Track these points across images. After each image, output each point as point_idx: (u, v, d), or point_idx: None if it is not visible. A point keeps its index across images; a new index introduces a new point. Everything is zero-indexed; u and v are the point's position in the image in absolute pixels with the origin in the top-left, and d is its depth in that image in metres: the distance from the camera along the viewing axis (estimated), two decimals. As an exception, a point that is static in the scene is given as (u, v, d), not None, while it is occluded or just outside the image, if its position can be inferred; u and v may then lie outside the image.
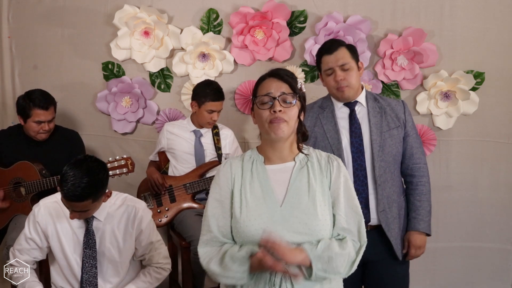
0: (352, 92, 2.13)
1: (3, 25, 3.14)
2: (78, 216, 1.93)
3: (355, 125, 2.14)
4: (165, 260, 2.17)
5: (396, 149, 2.15)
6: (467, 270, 3.12)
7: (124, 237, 2.05)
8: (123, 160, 2.44)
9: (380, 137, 2.12)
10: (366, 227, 2.01)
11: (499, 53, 2.94)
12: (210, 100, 2.71)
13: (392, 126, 2.15)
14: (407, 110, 2.21)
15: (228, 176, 1.56)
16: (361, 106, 2.18)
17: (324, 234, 1.48)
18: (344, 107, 2.18)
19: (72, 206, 1.89)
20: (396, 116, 2.17)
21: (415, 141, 2.20)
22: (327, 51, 2.14)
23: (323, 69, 2.16)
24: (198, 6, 2.99)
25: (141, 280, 2.11)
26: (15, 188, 2.71)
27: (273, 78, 1.55)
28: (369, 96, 2.21)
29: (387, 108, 2.18)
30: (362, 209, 2.00)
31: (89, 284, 2.02)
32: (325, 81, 2.18)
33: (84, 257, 2.01)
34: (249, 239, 1.47)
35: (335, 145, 2.12)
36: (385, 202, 2.10)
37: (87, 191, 1.84)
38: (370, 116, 2.15)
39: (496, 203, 3.06)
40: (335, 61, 2.11)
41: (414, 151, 2.18)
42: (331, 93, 2.19)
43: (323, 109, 2.21)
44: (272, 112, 1.49)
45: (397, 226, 2.14)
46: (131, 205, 2.08)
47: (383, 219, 2.09)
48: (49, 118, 2.72)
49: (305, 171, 1.55)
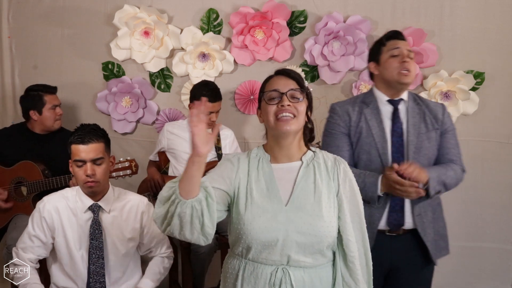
0: (410, 81, 2.04)
1: (3, 25, 3.14)
2: (94, 171, 1.98)
3: (397, 124, 2.05)
4: (169, 249, 2.24)
5: (432, 152, 2.07)
6: (467, 270, 3.12)
7: (129, 230, 2.09)
8: (127, 162, 2.44)
9: (417, 139, 2.04)
10: (399, 230, 2.03)
11: (499, 53, 2.94)
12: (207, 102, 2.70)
13: (430, 128, 2.07)
14: (446, 112, 2.13)
15: (234, 171, 1.54)
16: (404, 104, 2.09)
17: (329, 234, 1.47)
18: (388, 105, 2.08)
19: (87, 152, 1.97)
20: (435, 117, 2.09)
21: (450, 141, 2.11)
22: (396, 37, 2.08)
23: (389, 49, 2.05)
24: (198, 6, 2.99)
25: (153, 273, 2.15)
26: (16, 188, 2.71)
27: (281, 76, 1.55)
28: (410, 96, 2.12)
29: (426, 110, 2.09)
30: (397, 211, 2.00)
31: (96, 275, 2.04)
32: (385, 64, 2.05)
33: (91, 248, 2.03)
34: (252, 236, 1.46)
35: (381, 142, 2.03)
36: (420, 206, 2.03)
37: (97, 132, 2.02)
38: (409, 116, 2.06)
39: (496, 203, 3.06)
40: (404, 45, 2.04)
41: (449, 150, 2.09)
42: (390, 76, 2.04)
43: (367, 105, 2.10)
44: (280, 107, 1.48)
45: (432, 230, 2.07)
46: (135, 199, 2.14)
47: (419, 224, 2.02)
48: (59, 102, 2.86)
49: (311, 172, 1.53)
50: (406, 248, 2.05)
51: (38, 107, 2.75)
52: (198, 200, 1.36)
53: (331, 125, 2.13)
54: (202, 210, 1.37)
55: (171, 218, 1.37)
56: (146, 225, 2.13)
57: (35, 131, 2.82)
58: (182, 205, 1.35)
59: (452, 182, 2.07)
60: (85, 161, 1.98)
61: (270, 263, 1.48)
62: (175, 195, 1.36)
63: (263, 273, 1.48)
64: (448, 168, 2.06)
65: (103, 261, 2.04)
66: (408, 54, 2.03)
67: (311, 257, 1.48)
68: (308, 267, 1.48)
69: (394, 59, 2.03)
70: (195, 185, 1.35)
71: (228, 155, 1.60)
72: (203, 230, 1.39)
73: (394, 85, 2.05)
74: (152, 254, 2.21)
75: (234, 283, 1.52)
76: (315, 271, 1.49)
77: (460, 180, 2.13)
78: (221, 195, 1.49)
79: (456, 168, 2.09)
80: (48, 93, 2.79)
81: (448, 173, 2.05)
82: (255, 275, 1.48)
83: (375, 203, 1.99)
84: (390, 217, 2.02)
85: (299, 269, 1.48)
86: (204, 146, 1.32)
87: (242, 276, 1.50)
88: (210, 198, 1.39)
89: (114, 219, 2.08)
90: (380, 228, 2.03)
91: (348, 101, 2.18)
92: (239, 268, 1.52)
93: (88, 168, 1.97)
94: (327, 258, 1.52)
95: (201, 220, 1.38)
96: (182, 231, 1.39)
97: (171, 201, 1.36)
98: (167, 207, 1.38)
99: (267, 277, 1.47)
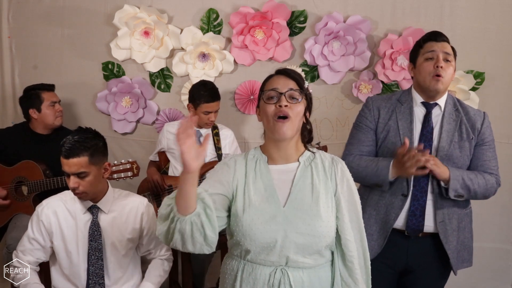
0: (443, 87, 1.98)
1: (3, 25, 3.14)
2: (78, 184, 1.95)
3: (428, 129, 2.00)
4: (169, 251, 2.23)
5: (462, 162, 1.99)
6: (467, 270, 3.10)
7: (128, 231, 2.09)
8: (128, 163, 2.44)
9: (448, 146, 1.98)
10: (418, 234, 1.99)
11: (499, 53, 2.93)
12: (205, 102, 2.70)
13: (464, 138, 1.99)
14: (486, 122, 2.05)
15: (231, 173, 1.54)
16: (438, 109, 2.03)
17: (328, 234, 1.48)
18: (422, 107, 2.03)
19: (69, 166, 1.93)
20: (472, 126, 2.01)
21: (487, 153, 2.03)
22: (434, 39, 2.01)
23: (424, 52, 2.00)
24: (198, 6, 2.99)
25: (154, 275, 2.15)
26: (17, 187, 2.72)
27: (281, 75, 1.55)
28: (449, 100, 2.04)
29: (465, 117, 2.02)
30: (417, 216, 1.97)
31: (95, 276, 2.04)
32: (420, 67, 2.00)
33: (90, 250, 2.03)
34: (251, 238, 1.46)
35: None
36: (444, 212, 1.98)
37: (81, 144, 1.94)
38: (444, 121, 2.00)
39: (496, 203, 3.05)
40: (441, 47, 1.98)
41: (485, 163, 2.02)
42: (422, 80, 1.99)
43: (401, 104, 2.05)
44: (278, 107, 1.48)
45: (456, 239, 2.01)
46: (135, 201, 2.14)
47: (442, 231, 1.98)
48: (58, 98, 2.86)
49: (308, 172, 1.54)
50: (424, 251, 2.02)
51: (37, 105, 2.76)
52: (197, 214, 1.37)
53: (360, 118, 2.12)
54: (202, 223, 1.38)
55: (172, 234, 1.39)
56: (145, 226, 2.13)
57: (37, 131, 2.82)
58: (182, 222, 1.36)
59: (480, 190, 2.00)
60: (69, 174, 1.96)
61: (268, 264, 1.48)
62: (173, 213, 1.37)
63: (262, 274, 1.48)
64: (479, 176, 2.00)
65: (103, 262, 2.04)
66: (445, 57, 1.96)
67: (310, 257, 1.48)
68: (307, 268, 1.48)
69: (429, 63, 1.98)
70: (192, 200, 1.36)
71: (224, 159, 1.59)
72: (206, 241, 1.41)
73: (426, 90, 2.00)
74: (151, 256, 2.21)
75: (233, 284, 1.52)
76: (314, 271, 1.49)
77: (492, 193, 2.06)
78: (221, 200, 1.50)
79: (489, 178, 2.02)
80: (46, 90, 2.81)
81: (477, 180, 1.98)
82: (254, 276, 1.49)
83: (387, 187, 1.96)
84: (409, 221, 1.98)
85: (298, 269, 1.48)
86: (194, 162, 1.32)
87: (241, 277, 1.50)
88: (209, 209, 1.39)
89: (114, 220, 2.07)
90: (398, 227, 2.00)
91: (384, 96, 2.15)
92: (237, 269, 1.52)
93: (71, 181, 1.96)
94: (326, 258, 1.52)
95: (202, 232, 1.39)
96: (185, 245, 1.41)
97: (170, 219, 1.38)
98: (167, 224, 1.39)
99: (265, 278, 1.47)
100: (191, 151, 1.30)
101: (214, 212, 1.41)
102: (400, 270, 2.06)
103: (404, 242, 2.01)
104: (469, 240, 2.11)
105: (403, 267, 2.05)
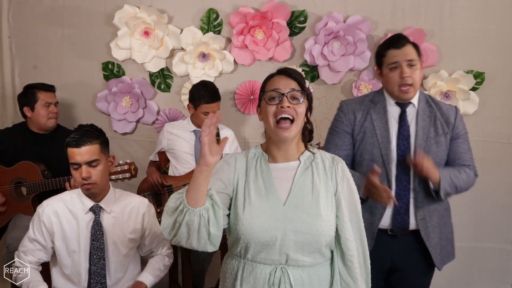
0: (413, 94, 2.00)
1: (3, 25, 3.14)
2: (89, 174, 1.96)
3: (404, 127, 2.02)
4: (169, 249, 2.26)
5: (440, 157, 2.02)
6: (467, 270, 3.12)
7: (130, 231, 2.10)
8: (126, 165, 2.44)
9: (425, 142, 2.00)
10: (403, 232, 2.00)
11: (499, 53, 2.93)
12: (205, 102, 2.70)
13: (440, 133, 2.02)
14: (459, 116, 2.08)
15: (232, 171, 1.54)
16: (412, 107, 2.05)
17: (327, 233, 1.48)
18: (396, 106, 2.05)
19: (81, 154, 1.94)
20: (447, 121, 2.04)
21: (462, 146, 2.07)
22: (394, 45, 1.99)
23: (388, 63, 2.00)
24: (198, 6, 2.99)
25: (153, 268, 2.16)
26: (16, 188, 2.72)
27: (282, 75, 1.54)
28: (421, 97, 2.07)
29: (438, 113, 2.05)
30: (402, 214, 1.98)
31: (97, 275, 2.04)
32: (386, 77, 2.02)
33: (92, 249, 2.04)
34: (251, 236, 1.46)
35: (384, 143, 2.01)
36: (425, 210, 2.00)
37: (92, 133, 1.98)
38: (419, 119, 2.02)
39: (496, 203, 3.06)
40: (403, 55, 1.96)
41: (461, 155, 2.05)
42: (391, 90, 2.02)
43: (375, 104, 2.06)
44: (280, 108, 1.48)
45: (437, 235, 2.04)
46: (136, 201, 2.15)
47: (423, 228, 2.00)
48: (54, 100, 2.83)
49: (309, 171, 1.54)
50: (407, 248, 2.04)
51: (31, 104, 2.75)
52: (206, 208, 1.39)
53: (335, 123, 2.12)
54: (209, 218, 1.39)
55: (178, 227, 1.40)
56: (147, 226, 2.14)
57: (34, 130, 2.81)
58: (191, 214, 1.37)
59: (464, 186, 2.04)
60: (80, 164, 1.97)
61: (268, 263, 1.48)
62: (183, 205, 1.38)
63: (262, 273, 1.48)
64: (461, 171, 2.03)
65: (104, 262, 2.05)
66: (409, 64, 1.97)
67: (310, 256, 1.48)
68: (307, 266, 1.49)
69: (395, 73, 1.99)
70: (203, 194, 1.38)
71: (225, 157, 1.60)
72: (210, 238, 1.42)
73: (396, 98, 2.03)
74: (153, 255, 2.23)
75: (233, 283, 1.52)
76: (314, 270, 1.50)
77: (472, 185, 2.09)
78: (224, 198, 1.50)
79: (469, 172, 2.05)
80: (43, 90, 2.79)
81: (461, 176, 2.02)
82: (254, 275, 1.49)
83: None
84: (395, 220, 2.00)
85: (298, 268, 1.48)
86: (213, 156, 1.35)
87: (241, 276, 1.51)
88: (216, 206, 1.41)
89: (115, 220, 2.08)
90: (382, 227, 2.02)
91: (357, 99, 2.16)
92: (238, 268, 1.52)
93: (83, 171, 1.97)
94: (326, 257, 1.52)
95: (207, 228, 1.40)
96: (189, 240, 1.41)
97: (179, 210, 1.39)
98: (174, 217, 1.40)
99: (266, 276, 1.47)
100: (212, 144, 1.35)
101: (221, 209, 1.43)
102: (386, 269, 2.08)
103: (389, 241, 2.03)
104: (451, 233, 2.15)
105: (389, 266, 2.06)
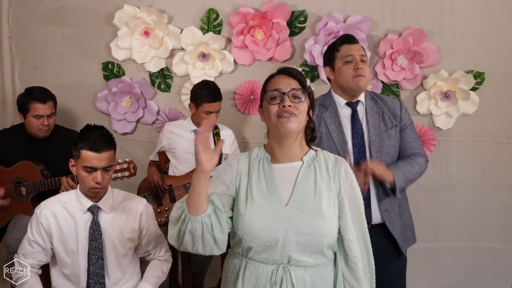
0: (365, 85, 2.10)
1: (3, 25, 3.14)
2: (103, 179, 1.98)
3: (357, 126, 2.12)
4: (168, 253, 2.25)
5: (394, 149, 2.14)
6: (467, 270, 3.12)
7: (128, 231, 2.10)
8: (125, 163, 2.44)
9: (378, 138, 2.10)
10: (368, 226, 2.04)
11: (499, 53, 2.94)
12: (207, 102, 2.70)
13: (389, 126, 2.13)
14: (403, 107, 2.20)
15: (234, 173, 1.55)
16: (361, 105, 2.16)
17: (329, 234, 1.47)
18: (347, 107, 2.15)
19: (100, 160, 1.96)
20: (393, 114, 2.16)
21: (411, 135, 2.18)
22: (348, 41, 2.13)
23: (342, 56, 2.11)
24: (198, 6, 2.99)
25: (152, 276, 2.15)
26: (15, 188, 2.72)
27: (283, 75, 1.55)
28: (367, 95, 2.18)
29: (384, 107, 2.16)
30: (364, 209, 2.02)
31: (96, 276, 2.04)
32: (339, 71, 2.12)
33: (90, 249, 2.03)
34: (253, 236, 1.46)
35: (341, 145, 2.09)
36: (387, 201, 2.11)
37: (108, 138, 2.02)
38: (368, 116, 2.13)
39: (496, 203, 3.06)
40: (357, 50, 2.11)
41: (412, 144, 2.16)
42: (345, 82, 2.11)
43: (326, 108, 2.16)
44: (281, 107, 1.48)
45: (400, 223, 2.15)
46: (134, 201, 2.15)
47: (387, 219, 2.11)
48: (48, 112, 2.70)
49: (312, 172, 1.53)
50: (375, 241, 2.04)
51: (23, 112, 2.71)
52: (208, 214, 1.41)
53: None
54: (212, 224, 1.41)
55: (183, 236, 1.42)
56: (144, 226, 2.13)
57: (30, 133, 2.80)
58: (193, 222, 1.39)
59: (417, 176, 2.15)
60: (96, 169, 1.97)
61: (270, 263, 1.48)
62: (184, 214, 1.40)
63: (264, 272, 1.48)
64: (413, 163, 2.13)
65: (103, 262, 2.04)
66: (361, 59, 2.09)
67: (312, 257, 1.48)
68: (309, 266, 1.49)
69: (348, 66, 2.10)
70: (203, 199, 1.40)
71: (228, 158, 1.61)
72: (216, 243, 1.44)
73: (350, 91, 2.12)
74: (150, 257, 2.21)
75: (235, 282, 1.53)
76: (316, 270, 1.50)
77: (424, 171, 2.19)
78: (227, 200, 1.51)
79: (420, 161, 2.15)
80: (37, 101, 2.66)
81: (413, 169, 2.12)
82: (256, 274, 1.49)
83: None
84: None
85: (300, 268, 1.48)
86: (209, 162, 1.36)
87: (243, 275, 1.51)
88: (219, 210, 1.43)
89: (113, 220, 2.08)
90: None
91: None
92: (239, 267, 1.52)
93: (99, 176, 1.97)
94: (328, 258, 1.52)
95: (212, 234, 1.42)
96: (195, 246, 1.44)
97: (181, 220, 1.41)
98: (178, 226, 1.42)
99: (268, 275, 1.47)
100: (207, 151, 1.36)
101: (224, 212, 1.45)
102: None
103: None
104: (410, 219, 2.25)
105: None
